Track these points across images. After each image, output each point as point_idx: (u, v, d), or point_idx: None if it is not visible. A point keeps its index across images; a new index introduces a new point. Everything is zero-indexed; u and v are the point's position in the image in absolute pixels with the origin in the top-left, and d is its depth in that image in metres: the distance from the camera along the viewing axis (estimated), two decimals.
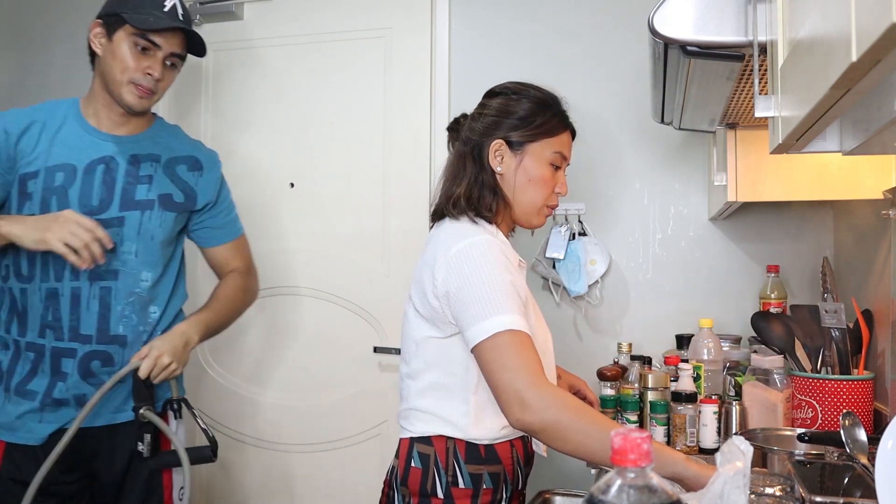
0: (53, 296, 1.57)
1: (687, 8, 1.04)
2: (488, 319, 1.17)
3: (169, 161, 1.68)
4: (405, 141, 2.42)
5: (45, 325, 1.57)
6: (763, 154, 1.63)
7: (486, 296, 1.19)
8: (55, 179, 1.56)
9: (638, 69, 2.12)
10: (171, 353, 1.54)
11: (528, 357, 1.16)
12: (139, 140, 1.66)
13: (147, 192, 1.63)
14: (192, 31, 1.63)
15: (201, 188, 1.72)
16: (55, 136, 1.60)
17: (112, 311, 1.59)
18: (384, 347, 2.39)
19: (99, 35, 1.59)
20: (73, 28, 2.80)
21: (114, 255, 1.57)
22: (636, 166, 2.27)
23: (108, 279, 1.58)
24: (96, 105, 1.64)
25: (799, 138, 0.94)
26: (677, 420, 1.77)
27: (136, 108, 1.61)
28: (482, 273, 1.21)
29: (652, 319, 2.24)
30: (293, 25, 2.54)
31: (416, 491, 1.29)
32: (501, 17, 2.38)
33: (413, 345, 1.34)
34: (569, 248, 2.21)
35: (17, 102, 2.82)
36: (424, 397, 1.32)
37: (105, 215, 1.57)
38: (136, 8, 1.55)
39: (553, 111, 1.38)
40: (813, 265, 2.10)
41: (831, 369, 1.62)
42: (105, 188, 1.59)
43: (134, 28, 1.54)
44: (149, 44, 1.57)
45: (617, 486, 0.62)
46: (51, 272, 1.57)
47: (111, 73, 1.58)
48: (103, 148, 1.62)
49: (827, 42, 0.66)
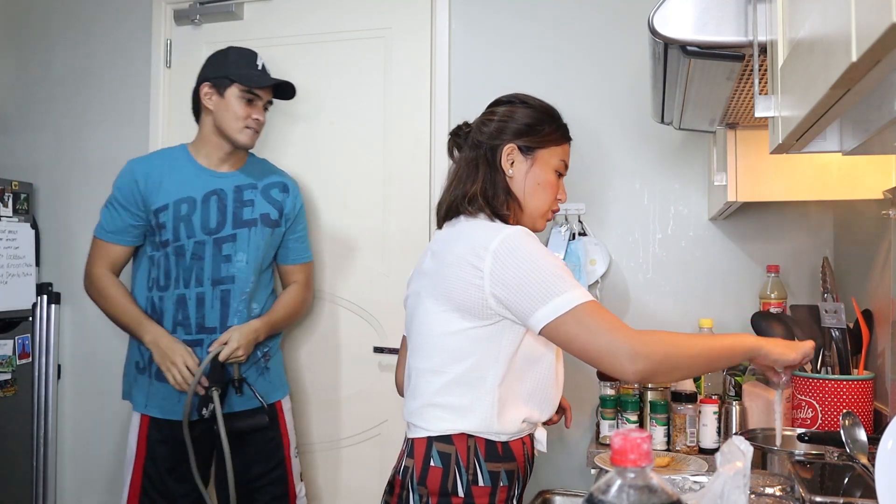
0: (182, 300, 2.01)
1: (687, 8, 1.04)
2: (560, 296, 1.22)
3: (265, 187, 2.13)
4: (405, 141, 2.42)
5: (177, 323, 2.01)
6: (763, 154, 1.63)
7: (550, 276, 1.24)
8: (181, 210, 2.01)
9: (638, 69, 2.12)
10: (245, 346, 1.97)
11: (611, 318, 1.23)
12: (239, 175, 2.10)
13: (251, 212, 2.08)
14: (284, 81, 2.09)
15: (288, 206, 2.16)
16: (173, 176, 2.04)
17: (230, 307, 2.03)
18: (384, 347, 2.39)
19: (210, 94, 2.03)
20: (73, 28, 2.80)
21: (230, 263, 2.03)
22: (636, 166, 2.26)
23: (227, 283, 2.03)
24: (207, 148, 2.08)
25: (799, 138, 0.94)
26: (677, 420, 1.77)
27: (249, 145, 2.07)
28: (536, 258, 1.25)
29: (652, 319, 2.23)
30: (293, 25, 2.54)
31: (437, 490, 1.30)
32: (501, 17, 2.38)
33: (438, 339, 1.33)
34: (569, 248, 2.20)
35: (17, 102, 2.84)
36: (448, 392, 1.32)
37: (222, 233, 2.03)
38: (239, 69, 2.01)
39: (557, 122, 1.45)
40: (813, 265, 2.10)
41: (831, 369, 1.62)
42: (220, 213, 2.04)
43: (243, 86, 2.00)
44: (253, 96, 2.02)
45: (617, 486, 0.62)
46: (181, 282, 2.01)
47: (226, 122, 2.02)
48: (213, 182, 2.06)
49: (827, 42, 0.66)
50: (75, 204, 2.76)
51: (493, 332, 1.30)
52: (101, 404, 2.71)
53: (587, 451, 1.77)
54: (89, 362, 2.74)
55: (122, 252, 2.08)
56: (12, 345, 2.60)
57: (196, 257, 2.01)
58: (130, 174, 2.04)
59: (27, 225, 2.66)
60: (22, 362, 2.64)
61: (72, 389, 2.75)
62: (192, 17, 2.60)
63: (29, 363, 2.67)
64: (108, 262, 2.06)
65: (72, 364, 2.76)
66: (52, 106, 2.81)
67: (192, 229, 2.01)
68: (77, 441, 2.75)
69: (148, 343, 1.96)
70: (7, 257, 2.55)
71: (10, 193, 2.61)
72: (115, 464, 2.69)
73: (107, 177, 2.71)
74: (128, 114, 2.70)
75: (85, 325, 2.74)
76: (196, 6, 2.60)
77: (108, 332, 2.70)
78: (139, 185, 2.02)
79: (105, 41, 2.75)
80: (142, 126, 2.67)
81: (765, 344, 1.28)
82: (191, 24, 2.62)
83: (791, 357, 1.28)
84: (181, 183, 2.03)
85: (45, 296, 2.72)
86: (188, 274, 2.01)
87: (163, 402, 2.01)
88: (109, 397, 2.70)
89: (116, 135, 2.72)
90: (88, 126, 2.76)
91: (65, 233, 2.76)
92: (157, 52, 2.66)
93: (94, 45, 2.76)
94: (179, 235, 2.01)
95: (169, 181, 2.03)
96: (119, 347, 2.68)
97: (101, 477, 2.71)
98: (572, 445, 2.21)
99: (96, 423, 2.72)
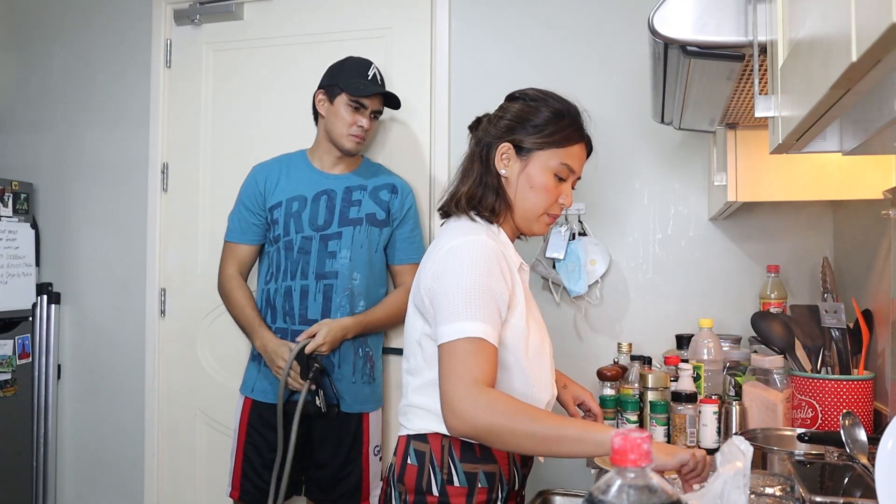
0: (289, 291, 2.11)
1: (687, 8, 1.04)
2: (453, 323, 1.20)
3: (374, 189, 2.19)
4: (405, 141, 2.42)
5: (285, 313, 2.12)
6: (763, 154, 1.63)
7: (459, 299, 1.21)
8: (293, 206, 2.14)
9: (638, 69, 2.12)
10: (331, 342, 2.03)
11: (475, 366, 1.17)
12: (350, 176, 2.20)
13: (357, 212, 2.15)
14: (389, 92, 2.15)
15: (396, 206, 2.21)
16: (289, 176, 2.18)
17: (332, 302, 2.10)
18: (385, 348, 2.39)
19: (323, 101, 2.15)
20: (72, 28, 2.80)
21: (335, 259, 2.10)
22: (636, 166, 2.26)
23: (330, 278, 2.11)
24: (320, 152, 2.19)
25: (799, 138, 0.93)
26: (677, 420, 1.77)
27: (353, 151, 2.15)
28: (462, 275, 1.23)
29: (652, 319, 2.23)
30: (293, 25, 2.54)
31: (413, 488, 1.30)
32: (501, 16, 2.38)
33: (413, 342, 1.35)
34: (569, 248, 2.20)
35: (17, 102, 2.84)
36: (422, 394, 1.32)
37: (329, 231, 2.13)
38: (349, 78, 2.10)
39: (568, 122, 1.39)
40: (813, 265, 2.10)
41: (831, 369, 1.62)
42: (328, 212, 2.14)
43: (349, 95, 2.08)
44: (359, 105, 2.09)
45: (617, 486, 0.62)
46: (288, 275, 2.12)
47: (334, 128, 2.12)
48: (324, 183, 2.17)
49: (827, 42, 0.66)
50: (75, 204, 2.76)
51: None
52: (101, 404, 2.71)
53: None
54: (89, 362, 2.74)
55: (249, 251, 2.21)
56: (12, 345, 2.60)
57: (303, 252, 2.11)
58: (253, 176, 2.20)
59: (27, 225, 2.66)
60: (22, 362, 2.64)
61: (72, 389, 2.75)
62: (192, 17, 2.60)
63: (29, 363, 2.67)
64: (236, 262, 2.20)
65: (72, 364, 2.76)
66: (52, 106, 2.81)
67: (300, 225, 2.12)
68: (77, 441, 2.75)
69: (258, 348, 2.11)
70: (7, 257, 2.56)
71: (10, 193, 2.61)
72: (115, 463, 2.69)
73: (107, 177, 2.73)
74: (128, 114, 2.70)
75: (85, 325, 2.74)
76: (196, 6, 2.60)
77: (108, 332, 2.71)
78: (259, 186, 2.17)
79: (105, 41, 2.75)
80: (142, 126, 2.67)
81: None
82: (191, 24, 2.62)
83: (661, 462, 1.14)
84: (296, 183, 2.16)
85: (45, 296, 2.72)
86: (295, 267, 2.12)
87: (269, 387, 2.12)
88: (109, 397, 2.70)
89: (116, 135, 2.72)
90: (88, 126, 2.76)
91: (65, 233, 2.77)
92: (157, 52, 2.66)
93: (94, 45, 2.76)
94: (289, 230, 2.13)
95: (285, 181, 2.17)
96: (118, 347, 2.69)
97: (101, 477, 2.71)
98: None
99: (96, 423, 2.72)
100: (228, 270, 2.20)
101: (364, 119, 2.10)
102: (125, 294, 2.68)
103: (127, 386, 2.66)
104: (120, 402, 2.68)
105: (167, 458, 2.63)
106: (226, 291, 2.19)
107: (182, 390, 2.61)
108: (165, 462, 2.63)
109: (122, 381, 2.67)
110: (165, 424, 2.63)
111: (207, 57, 2.62)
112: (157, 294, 2.65)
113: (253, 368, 2.18)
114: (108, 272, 2.71)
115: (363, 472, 2.15)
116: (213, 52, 2.61)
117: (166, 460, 2.63)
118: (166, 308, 2.65)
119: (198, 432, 2.58)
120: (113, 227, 2.72)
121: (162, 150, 2.65)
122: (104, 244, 2.73)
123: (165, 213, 2.66)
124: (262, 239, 2.21)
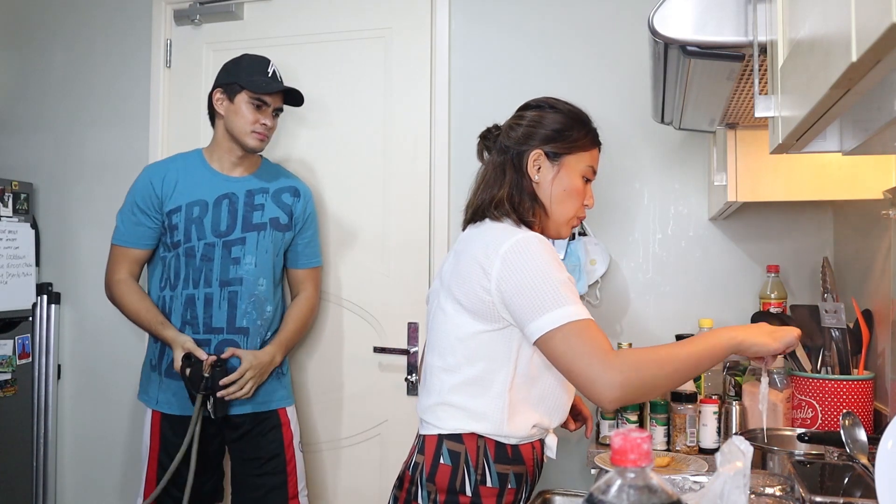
0: (191, 300, 2.06)
1: (687, 8, 1.04)
2: (553, 311, 1.22)
3: (276, 192, 2.16)
4: (405, 141, 2.42)
5: (185, 322, 2.06)
6: (763, 154, 1.63)
7: (548, 289, 1.23)
8: (193, 212, 2.07)
9: (638, 69, 2.12)
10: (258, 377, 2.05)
11: (596, 338, 1.21)
12: (251, 179, 2.15)
13: (261, 217, 2.11)
14: (291, 88, 2.11)
15: (298, 210, 2.19)
16: (187, 179, 2.10)
17: (238, 309, 2.06)
18: (384, 347, 2.39)
19: (221, 100, 2.08)
20: (72, 28, 2.80)
21: (239, 266, 2.06)
22: (636, 166, 2.26)
23: (235, 285, 2.07)
24: (219, 152, 2.13)
25: (799, 138, 0.93)
26: (677, 420, 1.77)
27: (257, 149, 2.11)
28: (540, 267, 1.25)
29: (652, 319, 2.23)
30: (293, 25, 2.54)
31: (445, 488, 1.31)
32: (501, 16, 2.38)
33: (454, 340, 1.34)
34: (569, 248, 2.20)
35: (18, 102, 2.84)
36: (459, 392, 1.32)
37: (232, 237, 2.07)
38: (249, 76, 2.04)
39: (587, 127, 1.44)
40: (813, 265, 2.10)
41: (831, 369, 1.62)
42: (230, 216, 2.08)
43: (251, 92, 2.03)
44: (261, 102, 2.05)
45: (617, 486, 0.62)
46: (190, 283, 2.06)
47: (236, 127, 2.06)
48: (225, 186, 2.11)
49: (827, 42, 0.66)
50: (75, 204, 2.76)
51: (503, 336, 1.30)
52: (101, 404, 2.71)
53: (587, 451, 1.76)
54: (89, 362, 2.74)
55: (141, 256, 2.13)
56: (12, 345, 2.60)
57: (205, 259, 2.06)
58: (147, 178, 2.11)
59: (27, 225, 2.66)
60: (22, 362, 2.64)
61: (72, 389, 2.75)
62: (192, 17, 2.60)
63: (29, 363, 2.67)
64: (127, 266, 2.12)
65: (72, 364, 2.76)
66: (52, 106, 2.81)
67: (202, 231, 2.06)
68: (77, 441, 2.75)
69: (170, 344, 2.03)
70: (7, 257, 2.56)
71: (10, 193, 2.61)
72: (115, 463, 2.69)
73: (107, 177, 2.73)
74: (128, 114, 2.70)
75: (85, 325, 2.74)
76: (196, 6, 2.60)
77: (108, 332, 2.71)
78: (155, 189, 2.08)
79: (105, 41, 2.75)
80: (142, 126, 2.67)
81: (745, 337, 1.26)
82: (191, 24, 2.62)
83: (772, 347, 1.26)
84: (195, 186, 2.09)
85: (45, 296, 2.72)
86: (197, 275, 2.06)
87: (172, 398, 2.07)
88: (109, 397, 2.70)
89: (116, 135, 2.72)
90: (88, 126, 2.76)
91: (65, 233, 2.77)
92: (157, 52, 2.66)
93: (94, 45, 2.76)
94: (190, 237, 2.06)
95: (183, 184, 2.09)
96: (118, 347, 2.69)
97: (101, 477, 2.71)
98: (572, 445, 2.21)
99: (96, 423, 2.72)
100: (118, 275, 2.11)
101: (266, 117, 2.07)
102: None
103: (127, 386, 2.65)
104: (120, 402, 2.68)
105: None
106: (117, 296, 2.10)
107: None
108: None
109: (122, 381, 2.66)
110: None
111: (207, 57, 2.62)
112: None
113: (154, 379, 2.12)
114: None
115: (287, 468, 2.13)
116: (213, 52, 2.61)
117: None
118: None
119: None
120: (113, 227, 2.71)
121: (162, 150, 2.64)
122: (104, 244, 2.71)
123: None
124: (156, 243, 2.13)
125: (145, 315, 2.06)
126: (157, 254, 2.15)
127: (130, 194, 2.12)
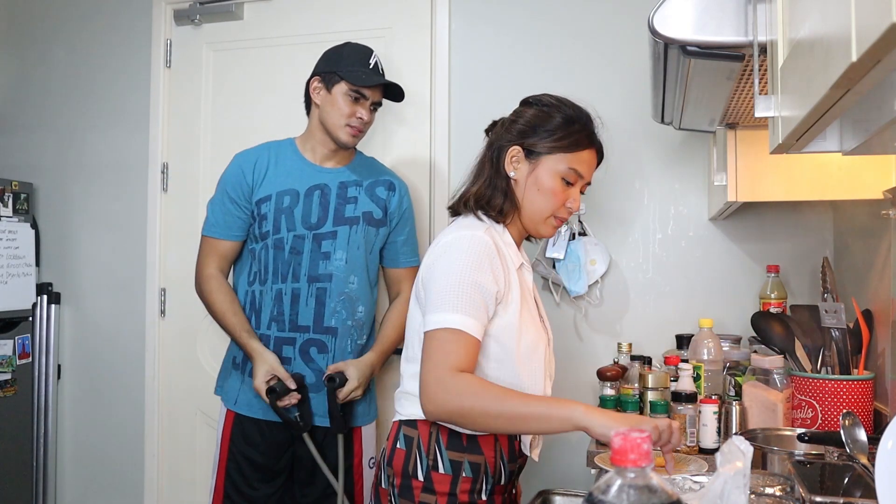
0: (279, 295, 1.96)
1: (687, 8, 1.04)
2: (440, 313, 1.26)
3: (370, 185, 2.05)
4: (405, 141, 2.42)
5: (272, 319, 1.97)
6: (763, 154, 1.63)
7: (446, 291, 1.27)
8: (283, 202, 1.97)
9: (638, 69, 2.11)
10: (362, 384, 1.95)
11: (452, 354, 1.24)
12: (344, 171, 2.05)
13: (353, 210, 2.01)
14: (392, 82, 2.01)
15: (393, 205, 2.07)
16: (279, 167, 2.00)
17: (326, 307, 1.96)
18: None
19: (318, 89, 1.99)
20: (73, 28, 2.80)
21: (328, 261, 1.96)
22: (636, 166, 2.26)
23: (324, 281, 1.96)
24: (313, 142, 2.03)
25: (799, 138, 0.93)
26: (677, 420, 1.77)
27: (350, 144, 2.01)
28: (452, 268, 1.29)
29: (652, 319, 2.23)
30: (293, 25, 2.54)
31: (400, 471, 1.35)
32: (501, 16, 2.38)
33: (412, 332, 1.41)
34: (569, 248, 2.20)
35: (18, 102, 2.84)
36: (415, 381, 1.34)
37: (322, 230, 1.97)
38: (349, 66, 1.95)
39: (578, 128, 1.42)
40: (813, 265, 2.10)
41: (831, 369, 1.62)
42: (321, 208, 1.98)
43: (349, 84, 1.93)
44: (360, 95, 1.95)
45: (617, 486, 0.62)
46: (279, 277, 1.96)
47: (331, 118, 1.97)
48: (317, 177, 2.01)
49: (827, 42, 0.66)
50: (75, 204, 2.76)
51: None
52: (101, 404, 2.71)
53: (587, 451, 1.76)
54: (89, 362, 2.74)
55: (232, 248, 2.03)
56: (12, 345, 2.60)
57: (294, 252, 1.96)
58: (238, 165, 2.01)
59: (27, 225, 2.66)
60: (22, 362, 2.64)
61: (72, 389, 2.75)
62: (192, 17, 2.60)
63: (29, 363, 2.67)
64: (216, 261, 2.02)
65: (72, 364, 2.76)
66: (52, 106, 2.81)
67: (292, 223, 1.96)
68: (77, 441, 2.75)
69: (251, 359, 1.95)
70: (7, 257, 2.56)
71: (10, 193, 2.61)
72: (115, 463, 2.69)
73: (107, 176, 2.73)
74: (128, 114, 2.70)
75: (85, 325, 2.74)
76: (196, 6, 2.60)
77: (108, 332, 2.71)
78: (246, 176, 1.99)
79: (105, 41, 2.75)
80: (142, 126, 2.67)
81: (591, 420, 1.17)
82: (191, 24, 2.62)
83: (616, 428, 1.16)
84: (286, 175, 1.99)
85: (45, 296, 2.72)
86: (286, 269, 1.96)
87: (254, 400, 1.96)
88: (109, 397, 2.70)
89: (116, 135, 2.72)
90: (88, 126, 2.76)
91: (65, 233, 2.77)
92: (157, 52, 2.66)
93: (94, 45, 2.76)
94: (280, 228, 1.96)
95: (274, 172, 2.00)
96: (119, 347, 2.69)
97: (101, 477, 2.71)
98: (572, 445, 2.21)
99: (96, 423, 2.72)
100: (208, 269, 2.01)
101: (364, 111, 1.96)
102: (125, 294, 2.68)
103: (127, 386, 2.66)
104: (120, 402, 2.68)
105: (167, 458, 2.63)
106: (206, 293, 2.00)
107: (182, 390, 2.61)
108: (165, 462, 2.63)
109: (122, 381, 2.67)
110: (165, 424, 2.63)
111: (207, 57, 2.62)
112: (157, 294, 2.64)
113: (236, 378, 2.02)
114: (108, 272, 2.71)
115: (355, 485, 2.02)
116: (213, 52, 2.61)
117: (166, 460, 2.63)
118: (166, 308, 2.65)
119: (198, 432, 2.58)
120: (113, 227, 2.72)
121: (162, 150, 2.64)
122: (104, 244, 2.73)
123: (165, 213, 2.65)
124: (245, 235, 2.02)
125: (231, 318, 1.96)
126: (245, 248, 2.05)
127: (221, 183, 2.03)
